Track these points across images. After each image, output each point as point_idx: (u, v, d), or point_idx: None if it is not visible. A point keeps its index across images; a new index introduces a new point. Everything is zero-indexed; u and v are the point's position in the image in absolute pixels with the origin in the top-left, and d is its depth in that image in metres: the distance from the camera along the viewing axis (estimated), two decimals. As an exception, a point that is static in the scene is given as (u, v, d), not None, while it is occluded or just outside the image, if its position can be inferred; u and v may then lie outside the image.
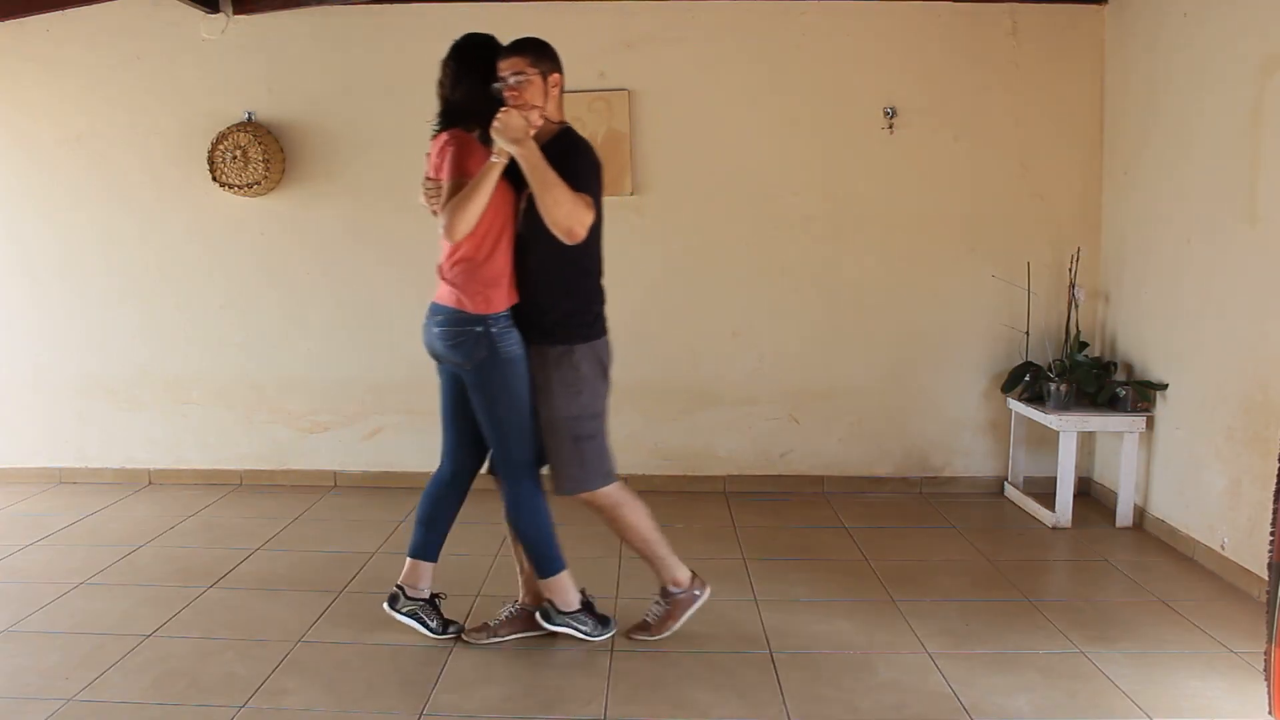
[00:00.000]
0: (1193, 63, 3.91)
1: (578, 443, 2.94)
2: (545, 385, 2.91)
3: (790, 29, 4.68)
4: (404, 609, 3.11)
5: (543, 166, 2.71)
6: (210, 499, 4.77)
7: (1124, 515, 4.29)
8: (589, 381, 2.93)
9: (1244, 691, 2.76)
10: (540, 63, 2.83)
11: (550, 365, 2.90)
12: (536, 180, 2.71)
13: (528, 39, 2.88)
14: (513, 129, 2.68)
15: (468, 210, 2.74)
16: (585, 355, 2.92)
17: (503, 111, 2.71)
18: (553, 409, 2.91)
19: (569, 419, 2.92)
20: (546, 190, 2.71)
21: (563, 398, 2.90)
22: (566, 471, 2.96)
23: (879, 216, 4.76)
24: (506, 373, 2.89)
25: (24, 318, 5.05)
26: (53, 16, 4.76)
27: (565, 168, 2.76)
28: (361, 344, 4.95)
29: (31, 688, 2.82)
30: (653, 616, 3.14)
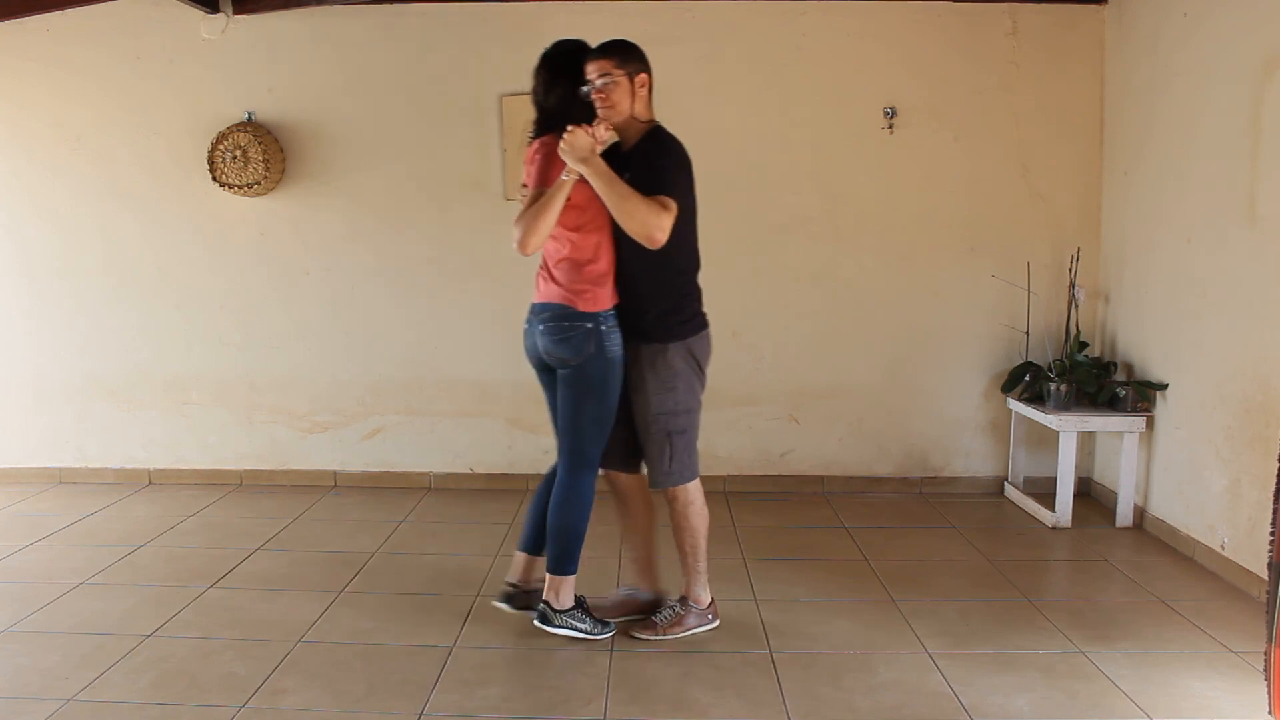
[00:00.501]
0: (1193, 63, 3.91)
1: (669, 438, 3.02)
2: (640, 382, 3.00)
3: (790, 29, 4.68)
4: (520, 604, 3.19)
5: (612, 180, 2.80)
6: (210, 499, 4.77)
7: (1124, 515, 4.29)
8: (683, 377, 3.02)
9: (1244, 691, 2.76)
10: (627, 64, 2.90)
11: (645, 362, 2.99)
12: (608, 194, 2.81)
13: (615, 41, 2.95)
14: (579, 148, 2.77)
15: (539, 225, 2.84)
16: (679, 352, 3.00)
17: (569, 131, 2.78)
18: (648, 405, 3.00)
19: (662, 414, 3.00)
20: (619, 203, 2.80)
21: (657, 394, 2.99)
22: (658, 465, 3.05)
23: (879, 216, 4.76)
24: (606, 372, 2.97)
25: (24, 317, 5.05)
26: (53, 16, 4.75)
27: (650, 169, 2.86)
28: (361, 344, 4.94)
29: (31, 688, 2.82)
30: (662, 618, 3.16)
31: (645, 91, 2.95)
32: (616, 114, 2.91)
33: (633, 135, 2.96)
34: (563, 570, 3.07)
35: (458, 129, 4.77)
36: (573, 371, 2.98)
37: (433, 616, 3.33)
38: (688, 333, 3.02)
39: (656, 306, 2.99)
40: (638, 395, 3.02)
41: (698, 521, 3.12)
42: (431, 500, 4.77)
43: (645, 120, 2.98)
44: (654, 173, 2.85)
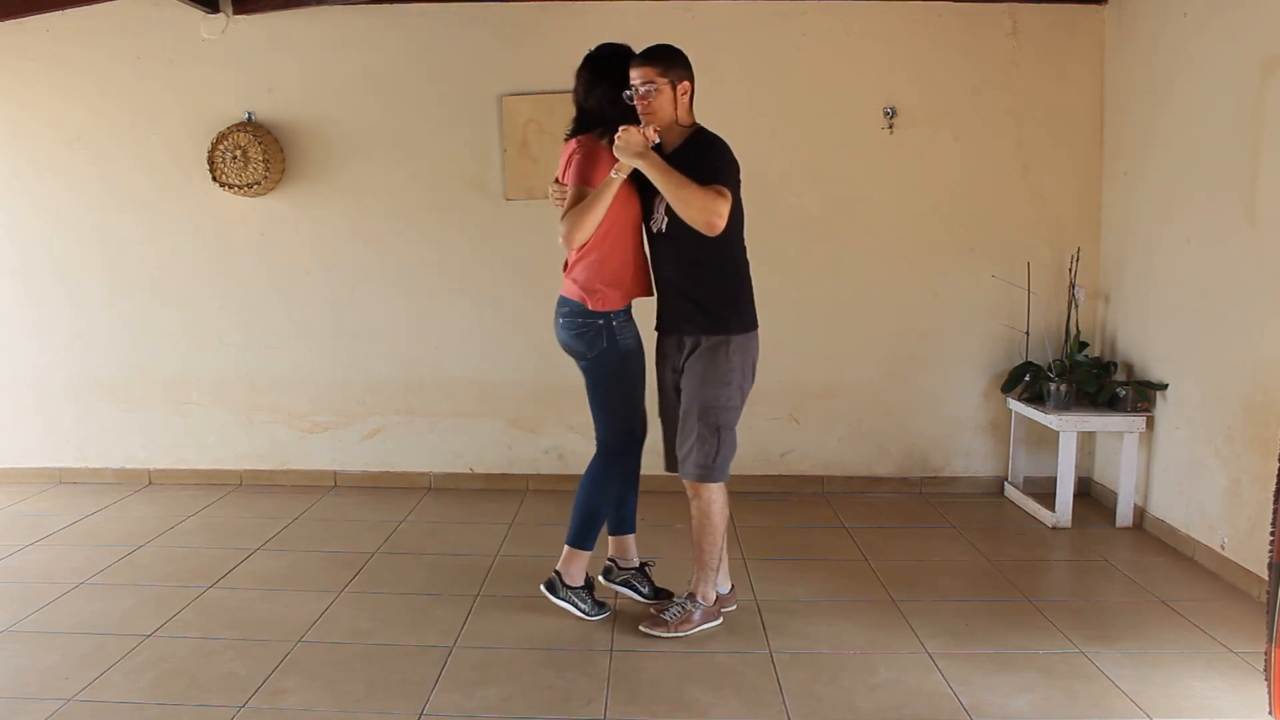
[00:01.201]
0: (1193, 63, 3.91)
1: (719, 432, 3.06)
2: (697, 372, 3.05)
3: (790, 29, 4.67)
4: (618, 579, 3.36)
5: (667, 171, 2.88)
6: (210, 499, 4.77)
7: (1124, 515, 4.29)
8: (738, 373, 3.07)
9: (1244, 691, 2.76)
10: (670, 71, 2.97)
11: (704, 354, 3.04)
12: (664, 184, 2.88)
13: (659, 47, 3.02)
14: (633, 145, 2.86)
15: (586, 220, 2.93)
16: (739, 347, 3.06)
17: (623, 129, 2.88)
18: (702, 397, 3.03)
19: (715, 408, 3.04)
20: (676, 191, 2.87)
21: (713, 386, 3.04)
22: (699, 459, 3.06)
23: (879, 216, 4.76)
24: (622, 362, 3.13)
25: (24, 317, 5.05)
26: (53, 16, 4.75)
27: (701, 164, 2.92)
28: (361, 344, 4.94)
29: (31, 688, 2.82)
30: (671, 615, 3.18)
31: (687, 98, 3.03)
32: (658, 120, 2.98)
33: (674, 139, 3.03)
34: (584, 545, 3.22)
35: (458, 129, 4.77)
36: (590, 364, 3.14)
37: (433, 616, 3.33)
38: (747, 326, 3.11)
39: (717, 299, 3.06)
40: (691, 384, 3.05)
41: (721, 521, 3.16)
42: (431, 500, 4.77)
43: (687, 124, 3.06)
44: (707, 167, 2.92)
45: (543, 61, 4.60)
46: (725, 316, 3.07)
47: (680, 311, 3.10)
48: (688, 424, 3.07)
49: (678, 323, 3.11)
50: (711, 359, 3.04)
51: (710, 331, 3.05)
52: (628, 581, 3.37)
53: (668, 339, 3.17)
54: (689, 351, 3.08)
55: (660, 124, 2.98)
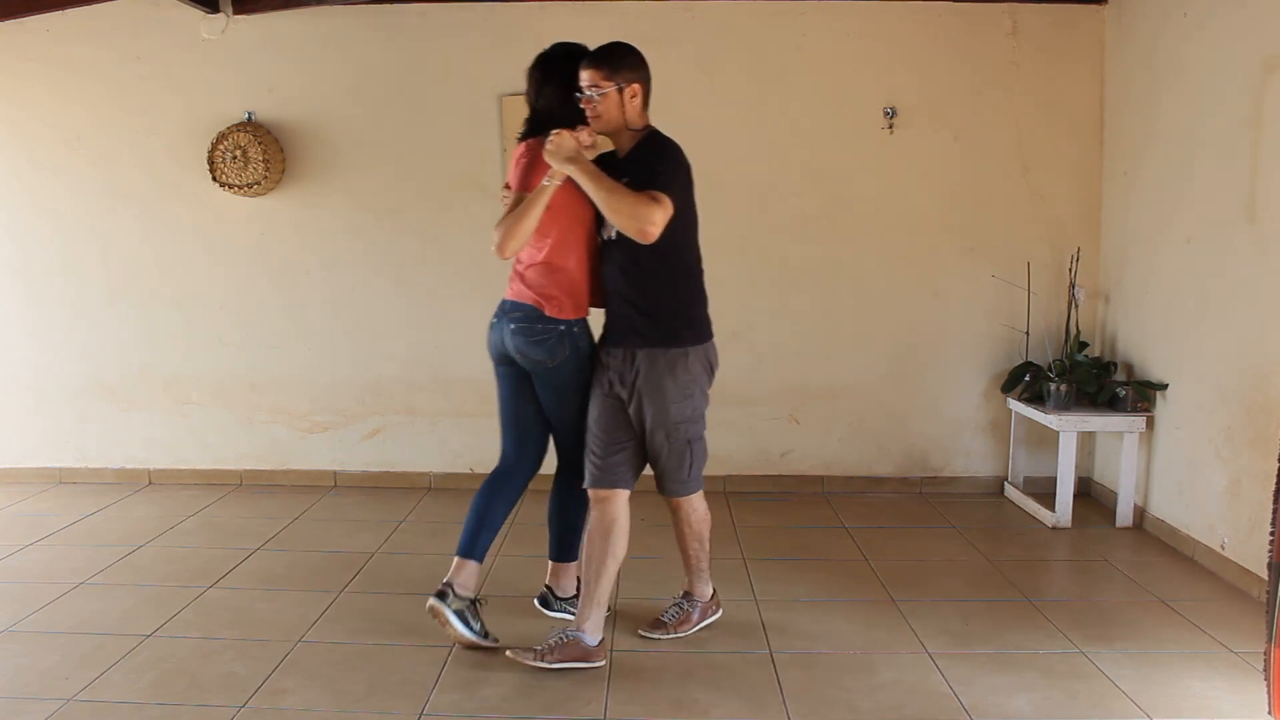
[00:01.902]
0: (1193, 63, 3.91)
1: (689, 445, 2.97)
2: (658, 389, 2.89)
3: (790, 29, 4.67)
4: (453, 606, 3.02)
5: (597, 177, 2.76)
6: (210, 499, 4.77)
7: (1124, 515, 4.29)
8: (699, 384, 2.96)
9: (1244, 691, 2.76)
10: (617, 74, 2.83)
11: (664, 369, 2.89)
12: (594, 191, 2.75)
13: (607, 48, 2.89)
14: (563, 150, 2.75)
15: (519, 229, 2.83)
16: (698, 357, 2.94)
17: (554, 134, 2.76)
18: (667, 413, 2.91)
19: (682, 423, 2.93)
20: (606, 197, 2.74)
21: (678, 401, 2.91)
22: (677, 475, 2.99)
23: (879, 217, 4.76)
24: (583, 371, 3.00)
25: (24, 317, 5.05)
26: (53, 16, 4.75)
27: (646, 169, 2.81)
28: (361, 344, 4.94)
29: (31, 688, 2.82)
30: (670, 616, 3.18)
31: (637, 101, 2.87)
32: (605, 125, 2.87)
33: (627, 143, 2.93)
34: (574, 556, 3.25)
35: (458, 129, 4.77)
36: (551, 373, 2.99)
37: (433, 616, 3.33)
38: (704, 336, 2.98)
39: (669, 310, 2.93)
40: (653, 402, 2.90)
41: (704, 527, 3.14)
42: (431, 500, 4.77)
43: (640, 127, 2.93)
44: (650, 172, 2.80)
45: (543, 61, 4.60)
46: (678, 328, 2.92)
47: (631, 324, 2.92)
48: (656, 442, 2.94)
49: (627, 335, 2.93)
50: (671, 373, 2.89)
51: (664, 344, 2.89)
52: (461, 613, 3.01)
53: (615, 350, 2.96)
54: (642, 368, 2.90)
55: (607, 129, 2.88)
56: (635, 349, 2.91)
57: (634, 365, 2.91)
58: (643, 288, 2.91)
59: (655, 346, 2.90)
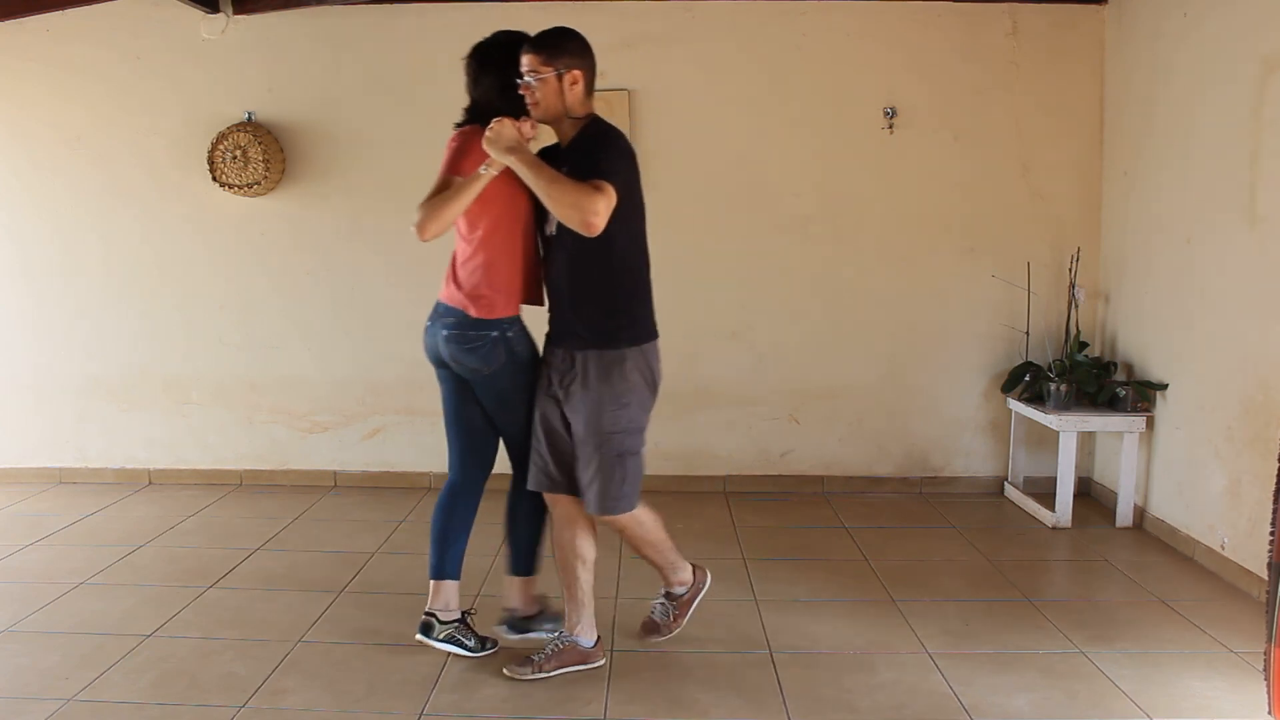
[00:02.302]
0: (1193, 63, 3.91)
1: (621, 459, 2.76)
2: (592, 394, 2.73)
3: (790, 29, 4.67)
4: (440, 635, 2.96)
5: (537, 168, 2.62)
6: (210, 499, 4.77)
7: (1124, 515, 4.29)
8: (637, 392, 2.77)
9: (1244, 691, 2.76)
10: (556, 60, 2.69)
11: (598, 374, 2.73)
12: (534, 182, 2.62)
13: (547, 33, 2.75)
14: (504, 139, 2.63)
15: (443, 212, 2.68)
16: (636, 362, 2.76)
17: (495, 122, 2.65)
18: (599, 421, 2.73)
19: (616, 434, 2.74)
20: (547, 189, 2.60)
21: (611, 409, 2.73)
22: (605, 489, 2.76)
23: (879, 217, 4.76)
24: (521, 376, 2.87)
25: (24, 318, 5.05)
26: (53, 16, 4.75)
27: (588, 157, 2.67)
28: (361, 344, 4.94)
29: (31, 688, 2.82)
30: (660, 616, 3.09)
31: (578, 88, 2.71)
32: (544, 112, 2.73)
33: (568, 131, 2.77)
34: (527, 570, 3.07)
35: (458, 129, 4.76)
36: (489, 380, 2.87)
37: (433, 616, 3.33)
38: (642, 338, 2.78)
39: (606, 308, 2.75)
40: (583, 408, 2.73)
41: (652, 533, 2.94)
42: (431, 500, 4.68)
43: (582, 115, 2.76)
44: (591, 161, 2.64)
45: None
46: (618, 328, 2.75)
47: (570, 322, 2.78)
48: (585, 452, 2.75)
49: (566, 335, 2.79)
50: (606, 378, 2.72)
51: (601, 345, 2.73)
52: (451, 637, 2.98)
53: (556, 349, 2.83)
54: (579, 370, 2.75)
55: (547, 116, 2.74)
56: (574, 350, 2.77)
57: (573, 367, 2.77)
58: (582, 285, 2.76)
59: (592, 348, 2.74)
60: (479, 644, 3.00)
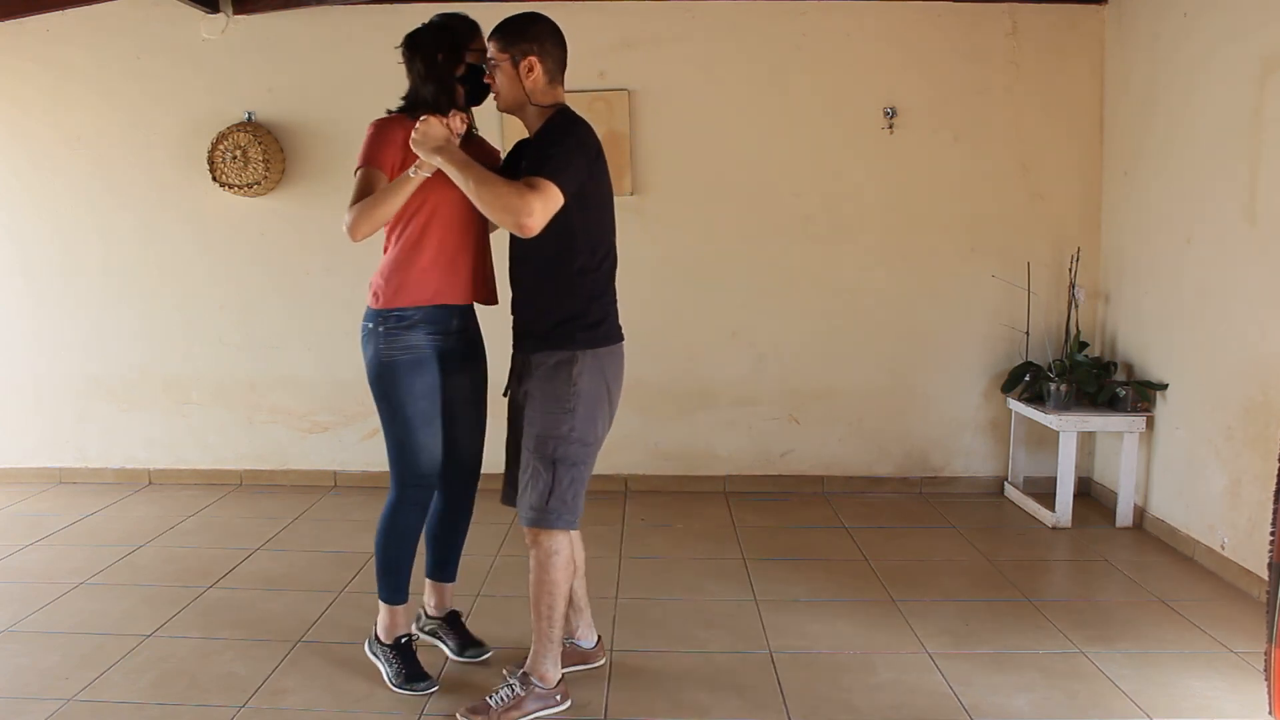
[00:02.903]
0: (1193, 63, 3.91)
1: (554, 467, 2.54)
2: (535, 396, 2.58)
3: (790, 29, 4.68)
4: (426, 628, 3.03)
5: (465, 167, 2.49)
6: (210, 499, 4.77)
7: (1124, 515, 4.29)
8: (586, 400, 2.55)
9: (1244, 691, 2.76)
10: (512, 46, 2.55)
11: (545, 374, 2.56)
12: (463, 182, 2.48)
13: (509, 18, 2.61)
14: (431, 138, 2.52)
15: (373, 215, 2.59)
16: (587, 366, 2.55)
17: (422, 120, 2.54)
18: (539, 425, 2.56)
19: (552, 438, 2.54)
20: (477, 190, 2.46)
21: (550, 411, 2.54)
22: (532, 499, 2.57)
23: (879, 217, 4.76)
24: (382, 379, 2.69)
25: (24, 318, 5.05)
26: (53, 16, 4.75)
27: (539, 152, 2.51)
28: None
29: (31, 688, 2.82)
30: (497, 700, 2.62)
31: (535, 75, 2.55)
32: (501, 101, 2.62)
33: (534, 121, 2.61)
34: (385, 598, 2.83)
35: (458, 129, 4.76)
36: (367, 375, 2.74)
37: (433, 616, 3.33)
38: (598, 341, 2.58)
39: (555, 308, 2.57)
40: (529, 409, 2.59)
41: (559, 575, 2.59)
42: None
43: (547, 104, 2.59)
44: (541, 157, 2.48)
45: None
46: (567, 331, 2.55)
47: (524, 323, 2.65)
48: (525, 455, 2.59)
49: (521, 336, 2.66)
50: (551, 380, 2.55)
51: (553, 346, 2.56)
52: (434, 632, 3.02)
53: (516, 353, 2.69)
54: (530, 370, 2.60)
55: (507, 105, 2.61)
56: (529, 352, 2.62)
57: (526, 368, 2.63)
58: (534, 285, 2.61)
59: (545, 349, 2.58)
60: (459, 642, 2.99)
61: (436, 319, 2.71)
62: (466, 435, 2.84)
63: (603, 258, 2.62)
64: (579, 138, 2.56)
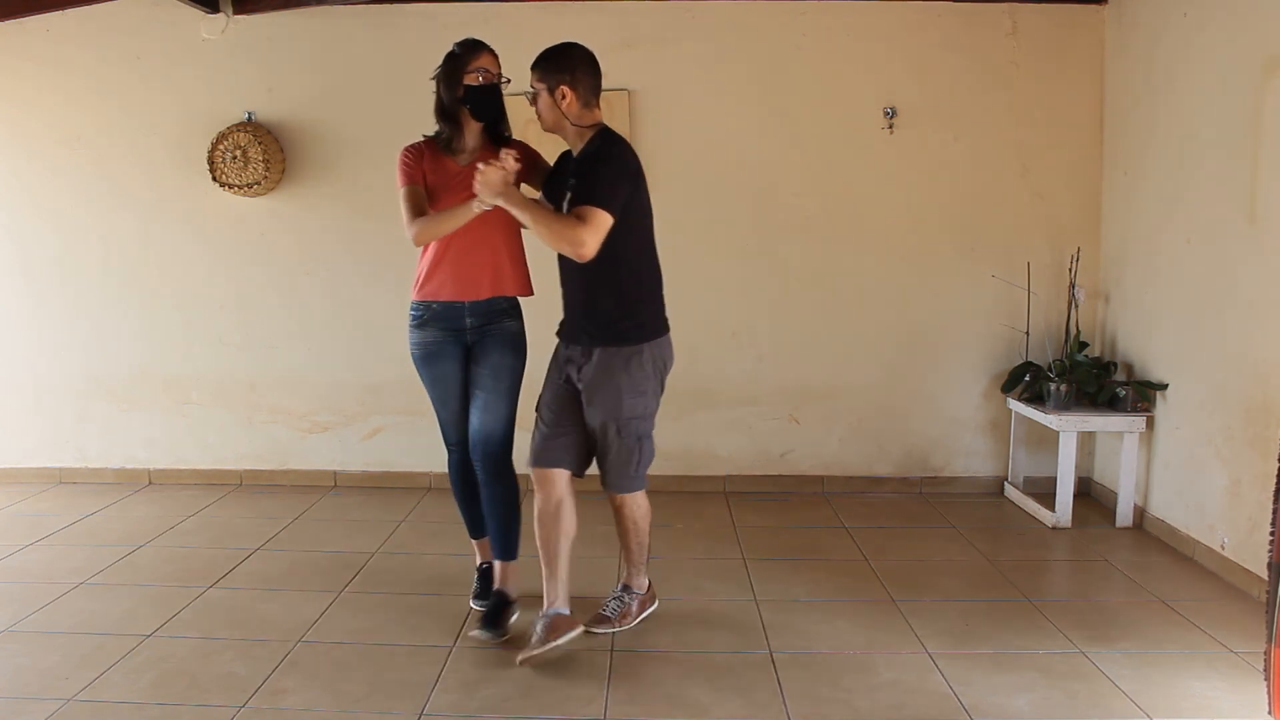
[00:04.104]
0: (1193, 63, 3.91)
1: (640, 443, 3.05)
2: (612, 385, 2.98)
3: (790, 29, 4.68)
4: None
5: (526, 207, 2.86)
6: (210, 499, 4.77)
7: (1124, 515, 4.29)
8: (651, 382, 3.03)
9: (1244, 691, 2.76)
10: (546, 77, 2.92)
11: (619, 365, 2.97)
12: (529, 222, 2.87)
13: (546, 50, 2.97)
14: (491, 185, 2.82)
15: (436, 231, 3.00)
16: (650, 355, 3.00)
17: (480, 170, 2.82)
18: (619, 408, 2.98)
19: (634, 419, 3.01)
20: (539, 228, 2.85)
21: (631, 397, 2.99)
22: (624, 471, 3.05)
23: (879, 216, 4.76)
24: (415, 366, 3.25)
25: (24, 318, 5.05)
26: (53, 16, 4.75)
27: (586, 178, 2.88)
28: (361, 344, 4.94)
29: (31, 688, 2.82)
30: (612, 610, 3.22)
31: (569, 101, 2.92)
32: (543, 123, 2.99)
33: (575, 139, 2.99)
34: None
35: (458, 129, 4.76)
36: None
37: (433, 616, 3.33)
38: (655, 333, 3.04)
39: (617, 312, 2.99)
40: (607, 398, 2.98)
41: (646, 523, 3.21)
42: (431, 500, 4.77)
43: (588, 125, 2.97)
44: (588, 182, 2.87)
45: (543, 61, 4.61)
46: (630, 328, 2.99)
47: (580, 325, 3.05)
48: (606, 438, 3.02)
49: (584, 333, 3.04)
50: (625, 371, 2.97)
51: (619, 343, 2.98)
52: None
53: (573, 346, 3.08)
54: (596, 364, 3.00)
55: (548, 128, 2.99)
56: (592, 347, 3.01)
57: (591, 361, 3.00)
58: (593, 292, 3.00)
59: (611, 345, 2.98)
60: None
61: (446, 315, 3.13)
62: (478, 413, 3.16)
63: (652, 261, 3.06)
64: (621, 161, 2.91)
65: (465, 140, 3.09)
